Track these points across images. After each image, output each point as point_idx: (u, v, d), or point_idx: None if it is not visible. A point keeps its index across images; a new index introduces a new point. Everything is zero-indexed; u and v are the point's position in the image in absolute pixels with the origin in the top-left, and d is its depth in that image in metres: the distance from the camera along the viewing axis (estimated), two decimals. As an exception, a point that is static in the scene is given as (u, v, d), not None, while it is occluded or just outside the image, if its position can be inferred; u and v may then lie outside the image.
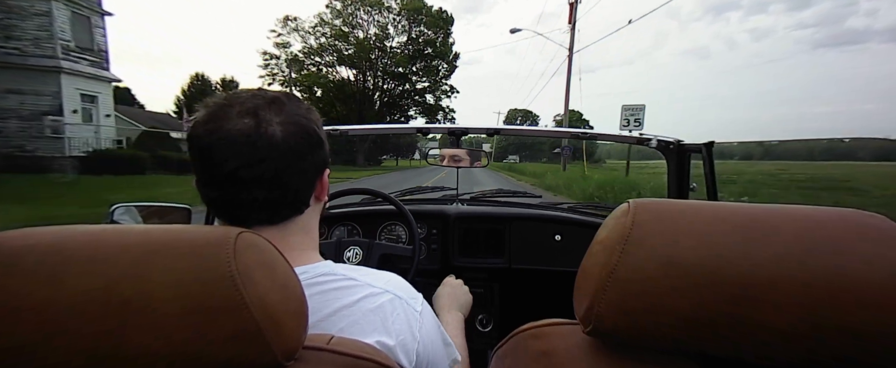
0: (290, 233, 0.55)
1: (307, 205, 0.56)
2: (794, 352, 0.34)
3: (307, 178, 0.54)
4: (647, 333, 0.38)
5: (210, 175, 0.49)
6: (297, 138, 0.51)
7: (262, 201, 0.51)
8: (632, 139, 1.35)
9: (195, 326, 0.34)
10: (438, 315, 0.90)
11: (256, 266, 0.37)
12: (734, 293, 0.34)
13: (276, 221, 0.54)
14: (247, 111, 0.49)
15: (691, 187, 1.29)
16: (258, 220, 0.52)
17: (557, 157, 48.28)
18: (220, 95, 0.52)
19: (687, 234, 0.37)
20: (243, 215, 0.52)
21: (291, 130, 0.51)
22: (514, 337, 0.49)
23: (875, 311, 0.32)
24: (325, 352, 0.43)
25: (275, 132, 0.49)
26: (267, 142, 0.49)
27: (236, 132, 0.48)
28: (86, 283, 0.33)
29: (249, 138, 0.48)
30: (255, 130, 0.48)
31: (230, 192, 0.49)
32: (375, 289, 0.53)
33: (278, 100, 0.52)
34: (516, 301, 1.60)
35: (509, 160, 61.36)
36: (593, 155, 48.21)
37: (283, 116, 0.51)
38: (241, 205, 0.50)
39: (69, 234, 0.36)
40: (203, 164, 0.49)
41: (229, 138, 0.48)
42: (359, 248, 1.19)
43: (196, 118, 0.50)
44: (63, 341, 0.32)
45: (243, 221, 0.52)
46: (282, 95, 0.53)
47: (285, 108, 0.52)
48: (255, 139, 0.48)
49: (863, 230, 0.36)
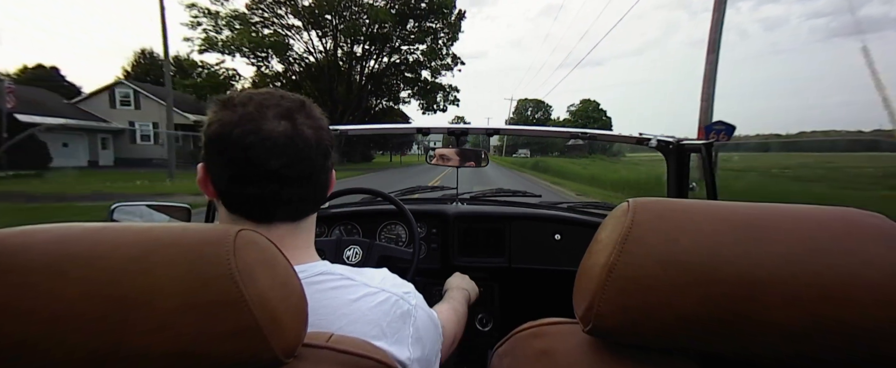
0: (302, 229, 0.59)
1: (326, 202, 0.58)
2: (794, 351, 0.34)
3: (328, 176, 0.59)
4: (646, 332, 0.38)
5: (249, 173, 0.52)
6: (322, 139, 0.56)
7: (297, 197, 0.55)
8: (632, 139, 1.34)
9: (195, 323, 0.34)
10: (447, 291, 1.08)
11: (256, 264, 0.37)
12: (734, 292, 0.34)
13: (298, 217, 0.57)
14: (282, 114, 0.53)
15: (691, 186, 1.28)
16: (285, 216, 0.56)
17: (571, 151, 47.14)
18: (243, 95, 0.54)
19: (686, 233, 0.37)
20: (272, 211, 0.55)
21: (319, 133, 0.56)
22: (514, 337, 0.49)
23: (874, 310, 0.32)
24: (325, 350, 0.43)
25: (309, 134, 0.54)
26: (304, 143, 0.53)
27: (278, 134, 0.52)
28: (86, 281, 0.33)
29: (291, 139, 0.52)
30: (294, 131, 0.53)
31: (271, 189, 0.53)
32: (372, 288, 0.55)
33: (304, 104, 0.57)
34: (516, 301, 1.60)
35: (520, 155, 59.10)
36: (610, 149, 45.73)
37: (311, 120, 0.55)
38: (278, 201, 0.54)
39: (69, 232, 0.36)
40: (241, 162, 0.52)
41: (272, 139, 0.51)
42: (358, 247, 1.20)
43: (221, 119, 0.52)
44: (63, 339, 0.32)
45: (270, 217, 0.55)
46: (305, 100, 0.58)
47: (311, 112, 0.57)
48: (296, 140, 0.53)
49: (862, 230, 0.36)
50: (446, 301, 0.97)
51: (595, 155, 41.04)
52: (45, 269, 0.33)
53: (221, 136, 0.51)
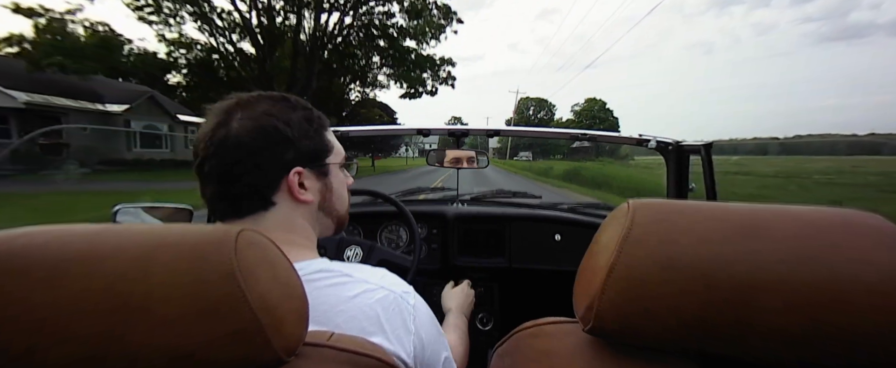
0: (267, 229, 0.55)
1: (272, 202, 0.58)
2: (793, 352, 0.34)
3: (264, 174, 0.56)
4: (646, 332, 0.38)
5: (199, 175, 0.57)
6: (251, 134, 0.55)
7: (218, 194, 0.56)
8: (632, 140, 1.35)
9: (197, 323, 0.34)
10: (447, 312, 1.05)
11: (258, 264, 0.38)
12: (733, 293, 0.34)
13: (241, 215, 0.57)
14: (219, 111, 0.56)
15: (690, 187, 1.28)
16: (223, 212, 0.57)
17: (575, 153, 45.24)
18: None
19: (686, 234, 0.37)
20: (213, 208, 0.58)
21: (248, 126, 0.55)
22: (514, 336, 0.49)
23: (873, 312, 0.32)
24: (326, 348, 0.43)
25: (229, 130, 0.54)
26: (218, 140, 0.54)
27: (203, 134, 0.55)
28: (86, 282, 0.33)
29: (207, 136, 0.55)
30: (213, 128, 0.55)
31: (201, 185, 0.57)
32: (370, 285, 0.54)
33: (253, 101, 0.57)
34: (516, 301, 1.61)
35: (522, 158, 53.96)
36: (617, 152, 42.52)
37: (246, 114, 0.55)
38: (208, 198, 0.57)
39: (69, 233, 0.36)
40: (196, 166, 0.57)
41: (200, 137, 0.55)
42: (359, 248, 1.20)
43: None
44: (63, 340, 0.32)
45: (218, 214, 0.58)
46: (275, 95, 0.59)
47: (256, 107, 0.56)
48: (210, 137, 0.55)
49: (861, 231, 0.36)
50: (453, 331, 0.95)
51: (602, 158, 38.92)
52: (46, 270, 0.33)
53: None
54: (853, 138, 18.59)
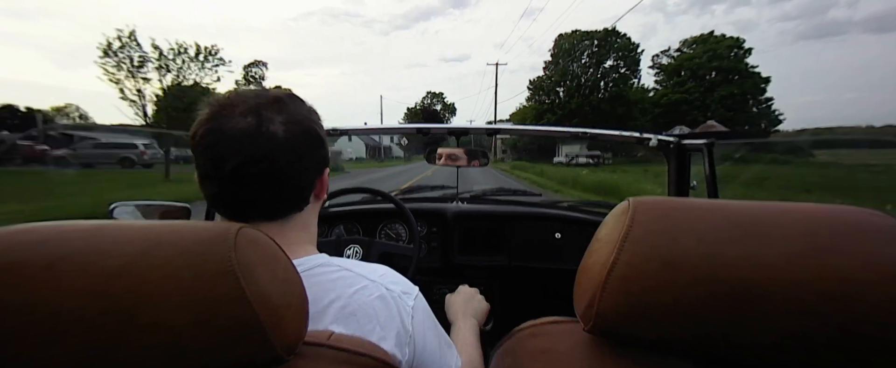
0: (289, 229, 0.57)
1: (307, 203, 0.58)
2: (794, 350, 0.34)
3: (307, 176, 0.56)
4: (646, 331, 0.37)
5: (212, 172, 0.51)
6: (298, 137, 0.53)
7: (261, 198, 0.53)
8: (632, 139, 1.34)
9: (196, 321, 0.34)
10: (452, 322, 0.92)
11: (257, 261, 0.37)
12: (733, 291, 0.34)
13: (275, 217, 0.55)
14: (249, 110, 0.51)
15: (692, 185, 1.28)
16: (258, 216, 0.54)
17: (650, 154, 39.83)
18: (224, 95, 0.54)
19: (686, 232, 0.37)
20: (244, 211, 0.54)
21: (293, 129, 0.53)
22: (515, 336, 0.49)
23: (875, 309, 0.32)
24: (325, 348, 0.43)
25: (277, 131, 0.51)
26: (268, 140, 0.50)
27: (238, 131, 0.50)
28: (86, 279, 0.33)
29: (251, 136, 0.50)
30: (257, 128, 0.50)
31: (231, 189, 0.51)
32: (369, 282, 0.54)
33: (281, 100, 0.54)
34: (516, 300, 1.60)
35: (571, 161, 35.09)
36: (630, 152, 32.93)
37: (285, 116, 0.53)
38: (242, 201, 0.52)
39: (68, 230, 0.36)
40: (205, 161, 0.51)
41: (231, 136, 0.50)
42: (359, 246, 1.20)
43: (199, 117, 0.52)
44: (63, 337, 0.32)
45: (244, 216, 0.54)
46: (284, 95, 0.56)
47: (288, 107, 0.54)
48: (257, 138, 0.50)
49: (863, 228, 0.35)
50: (463, 341, 0.87)
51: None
52: (45, 267, 0.33)
53: (193, 134, 0.52)
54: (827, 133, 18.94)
